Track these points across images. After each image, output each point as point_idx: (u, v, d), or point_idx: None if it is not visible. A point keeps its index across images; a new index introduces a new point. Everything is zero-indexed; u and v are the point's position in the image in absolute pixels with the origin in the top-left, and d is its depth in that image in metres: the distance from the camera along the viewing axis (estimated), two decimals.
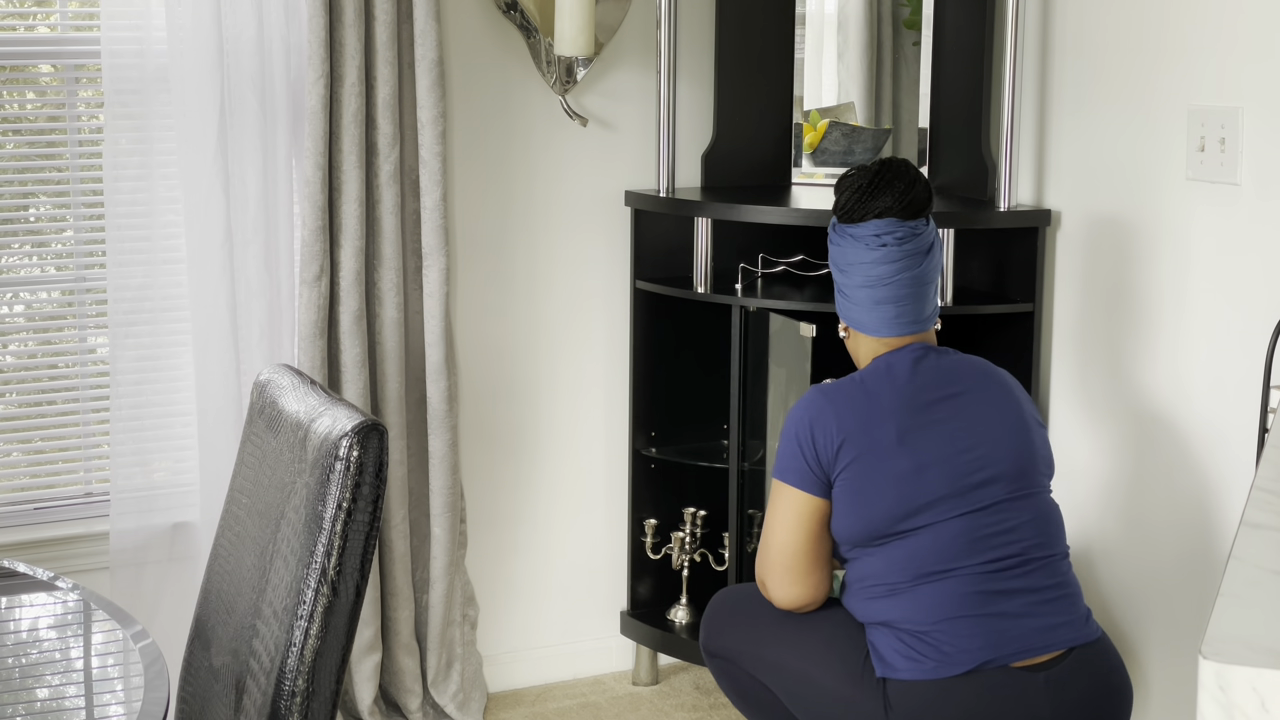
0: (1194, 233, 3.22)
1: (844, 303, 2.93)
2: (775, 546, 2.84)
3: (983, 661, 2.72)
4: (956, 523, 2.78)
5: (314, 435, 2.00)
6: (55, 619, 2.25)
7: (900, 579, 2.76)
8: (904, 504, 2.76)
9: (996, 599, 2.77)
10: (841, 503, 2.80)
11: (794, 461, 2.83)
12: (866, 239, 2.85)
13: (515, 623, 3.87)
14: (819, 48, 3.86)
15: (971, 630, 2.74)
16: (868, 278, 2.87)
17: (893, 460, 2.77)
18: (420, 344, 3.53)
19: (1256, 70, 3.06)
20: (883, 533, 2.77)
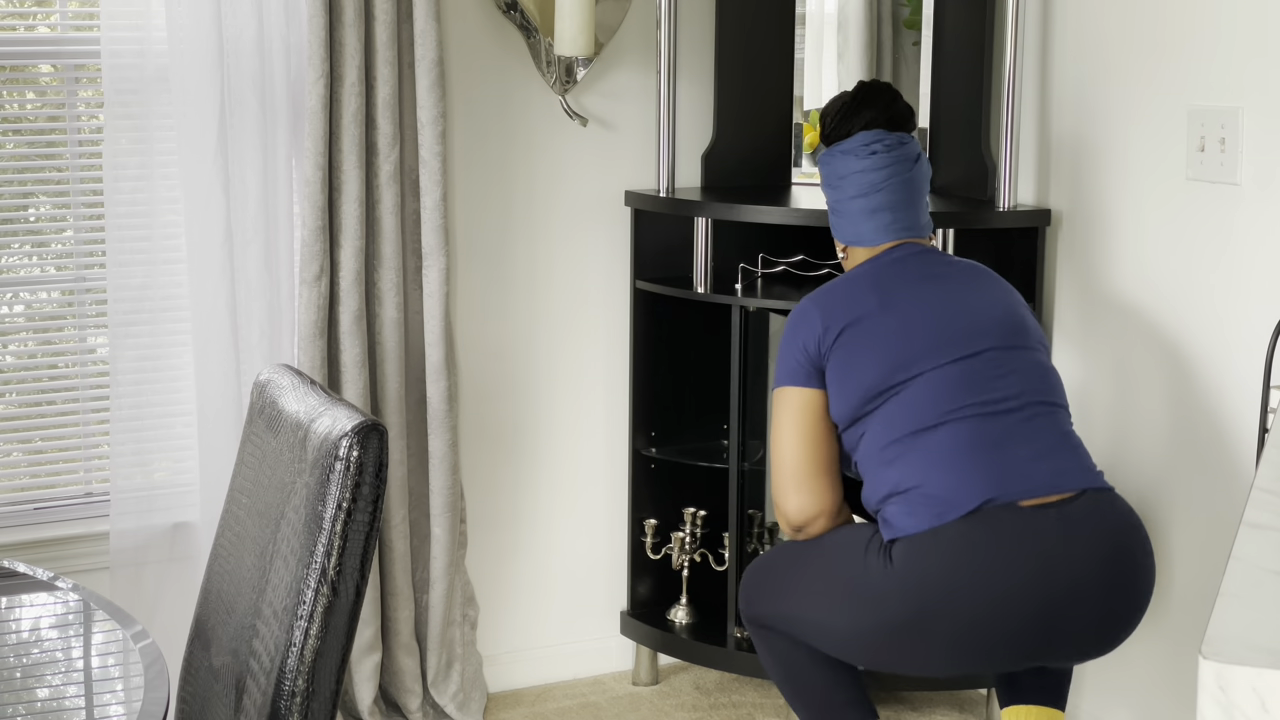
0: (1194, 233, 3.22)
1: (839, 221, 3.03)
2: (779, 454, 2.88)
3: (985, 500, 2.68)
4: (950, 368, 2.80)
5: (314, 435, 2.00)
6: (55, 619, 2.25)
7: (899, 436, 2.76)
8: (893, 358, 2.81)
9: (998, 446, 2.74)
10: (835, 376, 2.85)
11: (788, 363, 2.91)
12: (856, 149, 3.00)
13: (515, 623, 3.87)
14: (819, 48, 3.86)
15: (971, 473, 2.71)
16: (860, 186, 2.98)
17: (878, 323, 2.86)
18: (420, 344, 3.53)
19: (1256, 70, 3.06)
20: (877, 389, 2.80)
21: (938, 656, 2.76)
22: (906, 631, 2.72)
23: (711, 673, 3.93)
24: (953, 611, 2.68)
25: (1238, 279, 3.13)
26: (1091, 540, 2.71)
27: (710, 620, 3.80)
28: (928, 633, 2.70)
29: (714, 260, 3.64)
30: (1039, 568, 2.67)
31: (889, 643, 2.76)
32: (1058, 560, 2.68)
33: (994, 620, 2.68)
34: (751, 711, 3.74)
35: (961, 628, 2.69)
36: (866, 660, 2.87)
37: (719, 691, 3.85)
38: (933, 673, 2.93)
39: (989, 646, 2.72)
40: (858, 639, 2.79)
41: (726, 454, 3.72)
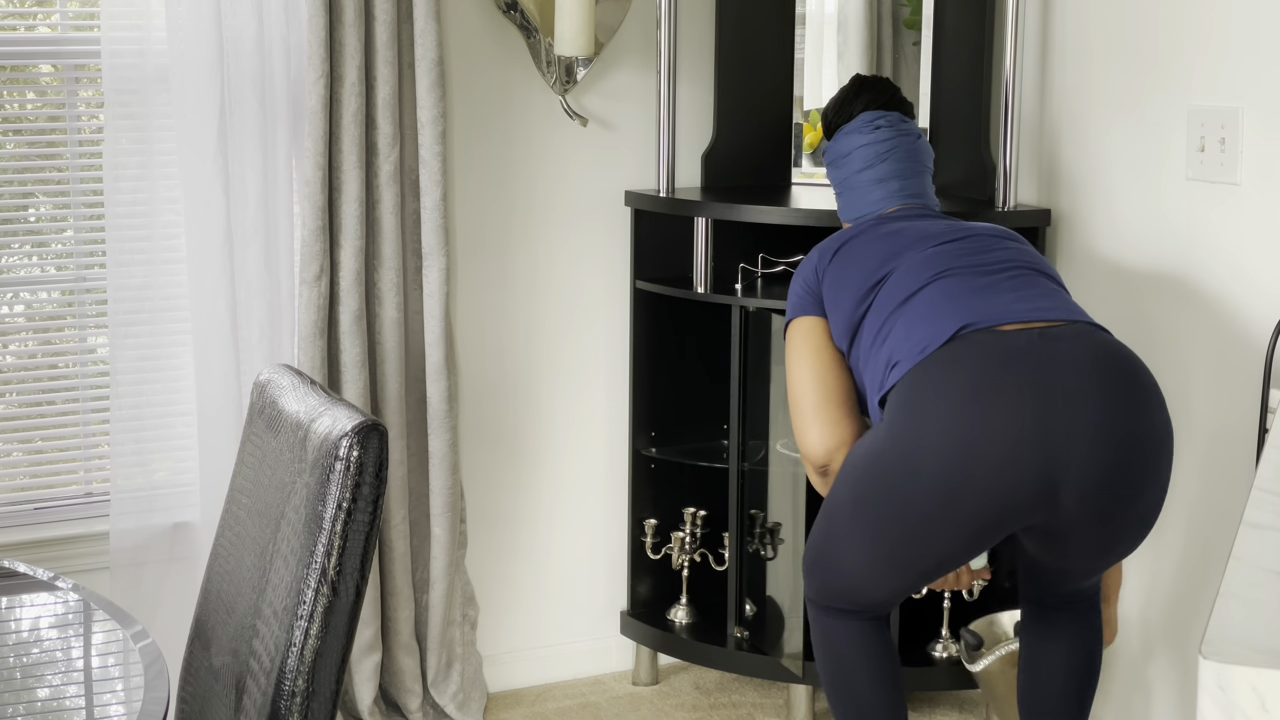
0: (1194, 233, 3.22)
1: (847, 200, 3.08)
2: (795, 389, 2.88)
3: (960, 326, 2.60)
4: (939, 247, 2.81)
5: (314, 435, 2.00)
6: (55, 619, 2.25)
7: (888, 313, 2.73)
8: (880, 255, 2.83)
9: (981, 291, 2.67)
10: (830, 290, 2.86)
11: (792, 301, 2.94)
12: (860, 127, 3.08)
13: (515, 623, 3.87)
14: (819, 48, 3.86)
15: (952, 312, 2.64)
16: (866, 158, 3.05)
17: (869, 238, 2.90)
18: (420, 344, 3.53)
19: (1256, 70, 3.06)
20: (867, 285, 2.80)
21: (950, 512, 2.54)
22: (911, 486, 2.56)
23: (711, 673, 3.93)
24: (947, 443, 2.52)
25: (1238, 279, 3.13)
26: (1077, 348, 2.56)
27: (710, 620, 3.80)
28: (931, 478, 2.53)
29: (714, 260, 3.64)
30: (1025, 377, 2.51)
31: (900, 516, 2.59)
32: (1044, 365, 2.52)
33: (988, 443, 2.50)
34: (751, 711, 3.74)
35: (956, 457, 2.51)
36: (895, 563, 2.68)
37: (719, 691, 3.85)
38: (955, 540, 2.61)
39: (990, 486, 2.51)
40: (877, 533, 2.64)
41: (726, 454, 3.72)
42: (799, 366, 2.89)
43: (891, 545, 2.67)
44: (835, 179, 3.13)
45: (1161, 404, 2.59)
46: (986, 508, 2.54)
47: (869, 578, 2.75)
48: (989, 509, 2.54)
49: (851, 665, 2.86)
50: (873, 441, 2.68)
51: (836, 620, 2.86)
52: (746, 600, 3.73)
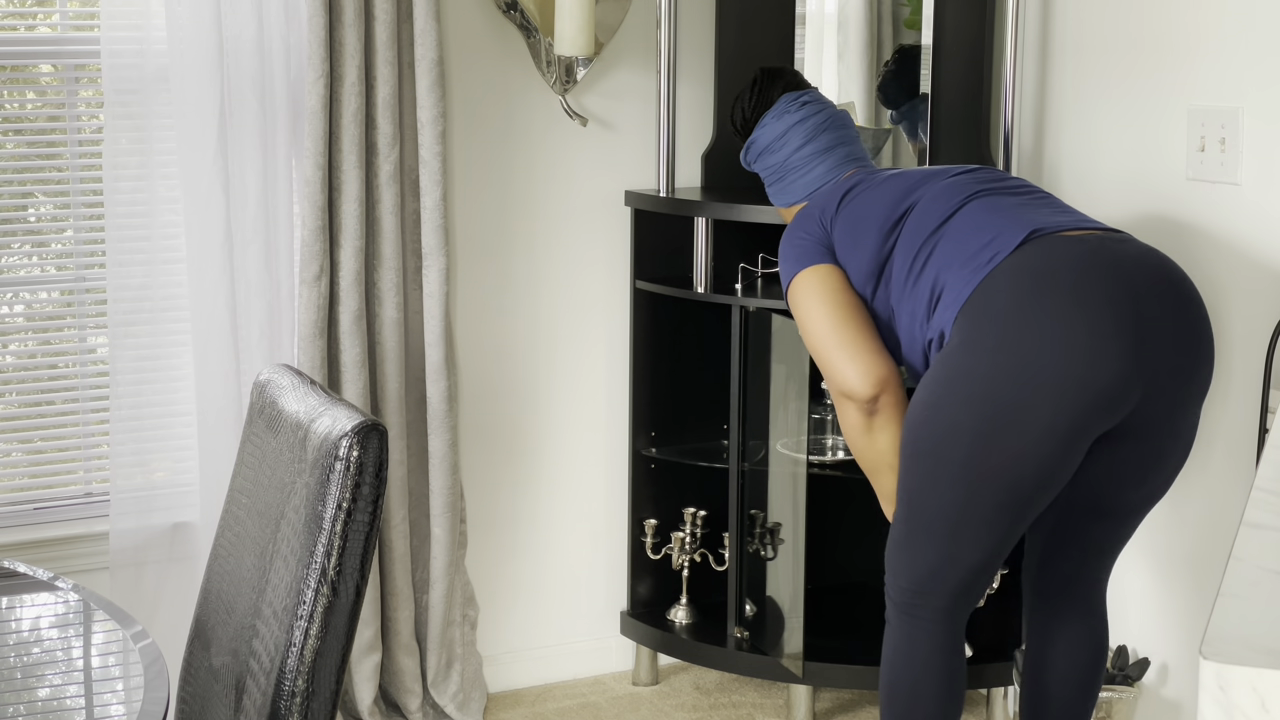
0: (1194, 233, 3.22)
1: (791, 181, 3.02)
2: (818, 334, 2.76)
3: (1030, 231, 2.56)
4: (954, 178, 2.76)
5: (314, 435, 2.00)
6: (55, 619, 2.25)
7: (921, 242, 2.67)
8: (894, 194, 2.78)
9: (1022, 207, 2.66)
10: (844, 235, 2.79)
11: (794, 252, 2.84)
12: (784, 110, 3.04)
13: (515, 623, 3.87)
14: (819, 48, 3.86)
15: (1007, 223, 2.60)
16: (804, 133, 3.00)
17: (872, 185, 2.85)
18: (420, 344, 3.53)
19: (1256, 70, 3.06)
20: (891, 217, 2.74)
21: (1063, 414, 2.48)
22: (1028, 395, 2.47)
23: (711, 673, 3.93)
24: (1068, 348, 2.47)
25: (1238, 279, 3.13)
26: (1136, 250, 2.60)
27: (710, 620, 3.80)
28: (1053, 382, 2.47)
29: (714, 260, 3.64)
30: (1110, 274, 2.52)
31: (1012, 429, 2.49)
32: (1121, 262, 2.55)
33: (1098, 340, 2.47)
34: (751, 711, 3.74)
35: (1078, 360, 2.47)
36: (996, 499, 2.56)
37: (719, 691, 3.85)
38: (1057, 447, 2.51)
39: (1098, 379, 2.47)
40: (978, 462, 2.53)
41: (726, 454, 3.72)
42: (819, 307, 2.76)
43: (987, 471, 2.54)
44: (770, 166, 3.06)
45: (1209, 320, 2.66)
46: (1082, 400, 2.49)
47: (964, 535, 2.60)
48: (1084, 400, 2.49)
49: (921, 692, 2.72)
50: (948, 367, 2.55)
51: (917, 630, 2.70)
52: (746, 600, 3.73)
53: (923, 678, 2.72)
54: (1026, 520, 2.63)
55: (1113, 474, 2.65)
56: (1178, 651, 3.32)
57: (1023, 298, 2.52)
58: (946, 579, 2.67)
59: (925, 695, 2.71)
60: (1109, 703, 3.25)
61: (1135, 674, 3.31)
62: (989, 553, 2.64)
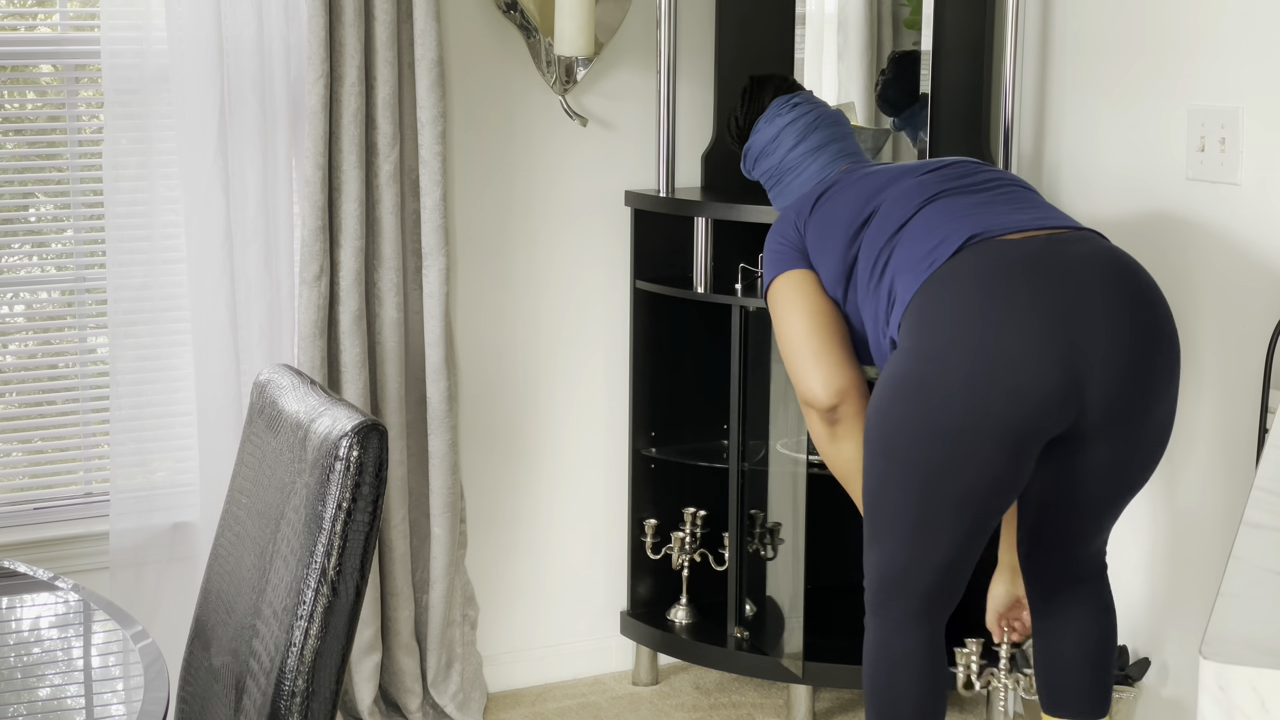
0: (1194, 233, 3.22)
1: (789, 182, 3.03)
2: (787, 338, 2.78)
3: (969, 236, 2.57)
4: (925, 177, 2.76)
5: (314, 435, 2.00)
6: (55, 619, 2.25)
7: (882, 244, 2.68)
8: (863, 194, 2.79)
9: (979, 206, 2.65)
10: (815, 237, 2.81)
11: (771, 259, 2.87)
12: (776, 113, 3.05)
13: (515, 623, 3.87)
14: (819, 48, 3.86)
15: (954, 227, 2.60)
16: (796, 133, 3.01)
17: (845, 185, 2.86)
18: (420, 344, 3.53)
19: (1256, 70, 3.06)
20: (854, 225, 2.75)
21: (982, 419, 2.47)
22: (940, 399, 2.48)
23: (711, 673, 3.93)
24: (967, 346, 2.48)
25: (1238, 279, 3.13)
26: (1085, 250, 2.56)
27: (710, 620, 3.80)
28: (959, 386, 2.47)
29: (714, 260, 3.64)
30: (1039, 277, 2.50)
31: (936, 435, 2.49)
32: (1056, 266, 2.52)
33: (1010, 341, 2.46)
34: (751, 711, 3.74)
35: (979, 360, 2.47)
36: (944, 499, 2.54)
37: (719, 691, 3.85)
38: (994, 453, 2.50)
39: (1018, 385, 2.45)
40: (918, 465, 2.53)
41: (726, 454, 3.72)
42: (791, 314, 2.79)
43: (935, 475, 2.54)
44: (766, 170, 3.07)
45: (1168, 309, 2.60)
46: (1018, 409, 2.47)
47: (924, 536, 2.60)
48: (1021, 410, 2.47)
49: (899, 693, 2.71)
50: (892, 371, 2.57)
51: (895, 633, 2.69)
52: (746, 600, 3.73)
53: (900, 679, 2.71)
54: (989, 520, 2.61)
55: (1079, 473, 2.62)
56: (1178, 651, 3.32)
57: (953, 304, 2.52)
58: (913, 579, 2.66)
59: (903, 696, 2.71)
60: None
61: (1135, 674, 3.31)
62: (953, 552, 2.62)
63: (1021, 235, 2.59)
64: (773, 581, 3.70)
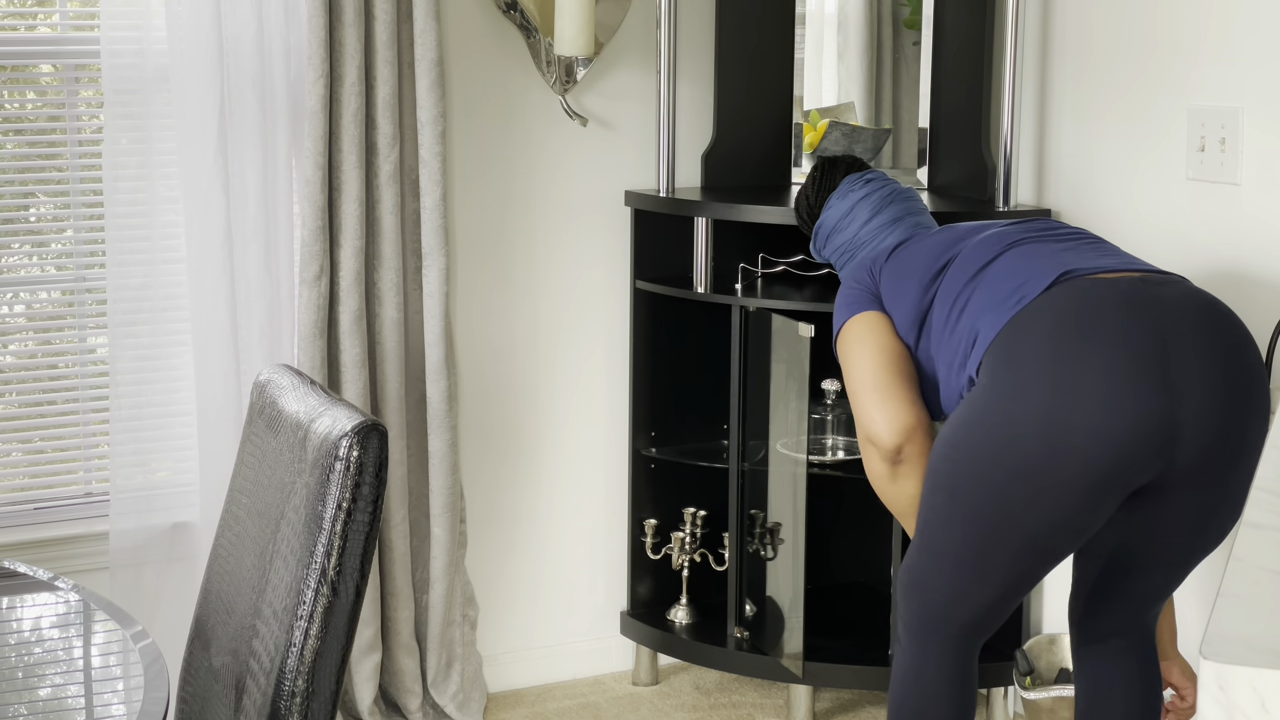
0: (1194, 233, 3.22)
1: (864, 257, 2.94)
2: (856, 377, 2.70)
3: (1062, 272, 2.48)
4: (1004, 229, 2.70)
5: (314, 435, 2.00)
6: (55, 619, 2.25)
7: (961, 285, 2.62)
8: (941, 245, 2.74)
9: (1064, 251, 2.58)
10: (890, 283, 2.76)
11: (845, 304, 2.80)
12: (850, 186, 3.00)
13: (515, 623, 3.87)
14: (819, 48, 3.86)
15: (1043, 266, 2.52)
16: (870, 207, 2.96)
17: (922, 236, 2.83)
18: (420, 344, 3.53)
19: (1256, 70, 3.06)
20: (931, 271, 2.69)
21: (1063, 463, 2.37)
22: (1019, 438, 2.39)
23: (711, 673, 3.93)
24: (1056, 386, 2.37)
25: (1238, 279, 3.13)
26: (1179, 293, 2.48)
27: (710, 620, 3.80)
28: (1040, 427, 2.37)
29: (714, 260, 3.64)
30: (1136, 316, 2.41)
31: (1009, 475, 2.41)
32: (1154, 305, 2.44)
33: (1102, 384, 2.36)
34: (751, 711, 3.74)
35: (1068, 402, 2.36)
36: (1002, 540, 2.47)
37: (719, 691, 3.85)
38: (1067, 499, 2.41)
39: (1109, 429, 2.35)
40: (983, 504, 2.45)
41: (726, 454, 3.72)
42: (862, 352, 2.72)
43: (1001, 518, 2.46)
44: (839, 246, 3.00)
45: (1259, 354, 2.52)
46: (1101, 452, 2.37)
47: (979, 575, 2.54)
48: (1104, 453, 2.37)
49: (929, 717, 2.66)
50: (969, 406, 2.49)
51: (930, 661, 2.64)
52: (746, 600, 3.73)
53: (930, 705, 2.66)
54: (1048, 565, 2.55)
55: (1153, 529, 2.53)
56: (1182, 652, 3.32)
57: (1041, 342, 2.42)
58: (958, 613, 2.60)
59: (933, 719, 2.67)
60: None
61: None
62: (1004, 591, 2.57)
63: (1113, 275, 2.51)
64: (773, 581, 3.69)
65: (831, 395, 3.66)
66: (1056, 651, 3.50)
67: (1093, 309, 2.43)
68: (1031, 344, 2.43)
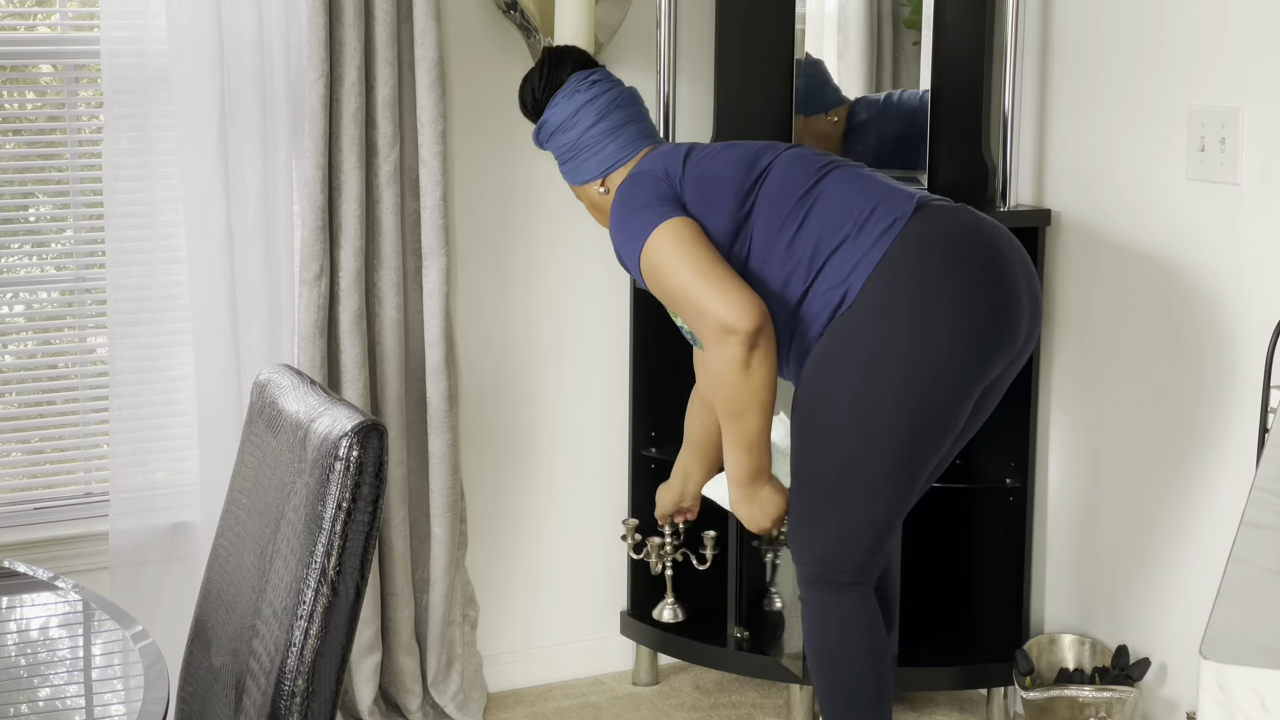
0: (1194, 233, 3.22)
1: (585, 160, 3.04)
2: (681, 279, 2.77)
3: (918, 202, 2.80)
4: (796, 149, 2.91)
5: (314, 435, 2.00)
6: (55, 619, 2.25)
7: (789, 204, 2.82)
8: (742, 158, 2.88)
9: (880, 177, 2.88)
10: (697, 192, 2.85)
11: (649, 207, 2.86)
12: (575, 89, 3.03)
13: (515, 623, 3.87)
14: (819, 48, 3.86)
15: (886, 191, 2.84)
16: (595, 111, 3.02)
17: (710, 147, 2.95)
18: (420, 344, 3.53)
19: (1256, 70, 3.06)
20: (746, 180, 2.84)
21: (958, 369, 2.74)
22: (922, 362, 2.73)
23: (711, 673, 3.93)
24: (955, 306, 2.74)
25: (1238, 279, 3.13)
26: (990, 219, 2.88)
27: (710, 620, 3.80)
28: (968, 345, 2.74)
29: None
30: (991, 240, 2.80)
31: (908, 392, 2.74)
32: (990, 232, 2.83)
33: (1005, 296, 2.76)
34: (751, 711, 3.74)
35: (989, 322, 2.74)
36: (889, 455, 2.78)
37: (719, 691, 3.85)
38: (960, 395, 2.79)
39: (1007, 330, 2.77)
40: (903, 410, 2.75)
41: None
42: (690, 250, 2.77)
43: (910, 431, 2.74)
44: (562, 145, 3.05)
45: None
46: (1004, 354, 2.78)
47: (866, 496, 2.78)
48: (1005, 353, 2.79)
49: (853, 662, 2.85)
50: (883, 326, 2.72)
51: (836, 600, 2.83)
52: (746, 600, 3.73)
53: (850, 648, 2.84)
54: (924, 477, 2.83)
55: (982, 410, 2.89)
56: (1178, 651, 3.32)
57: (937, 264, 2.73)
58: (853, 544, 2.81)
59: (857, 661, 2.84)
60: (1109, 703, 3.25)
61: (1135, 674, 3.31)
62: (891, 511, 2.81)
63: (943, 203, 2.83)
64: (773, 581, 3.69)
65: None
66: (1056, 651, 3.50)
67: (967, 236, 2.78)
68: (927, 268, 2.73)
